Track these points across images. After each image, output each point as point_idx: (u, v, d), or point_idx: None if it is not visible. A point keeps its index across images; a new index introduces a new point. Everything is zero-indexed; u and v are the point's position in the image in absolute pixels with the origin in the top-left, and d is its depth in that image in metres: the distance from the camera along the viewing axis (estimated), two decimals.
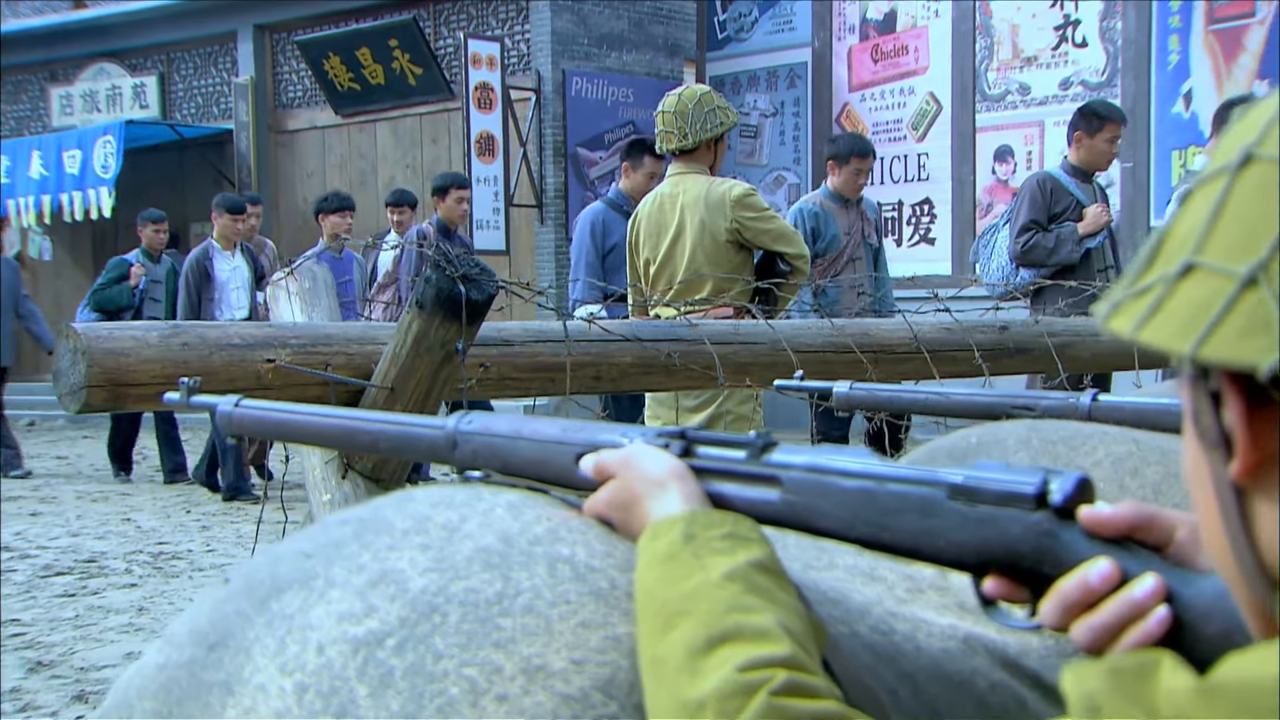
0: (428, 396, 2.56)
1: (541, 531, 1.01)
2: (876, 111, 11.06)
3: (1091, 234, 5.72)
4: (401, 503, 1.08)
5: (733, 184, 4.65)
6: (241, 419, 1.35)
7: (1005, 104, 10.22)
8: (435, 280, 2.46)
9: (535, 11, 12.29)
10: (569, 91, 12.09)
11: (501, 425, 1.13)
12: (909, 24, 10.90)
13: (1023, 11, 10.22)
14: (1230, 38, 9.27)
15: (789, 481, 0.96)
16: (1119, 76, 9.72)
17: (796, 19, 11.60)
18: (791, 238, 4.55)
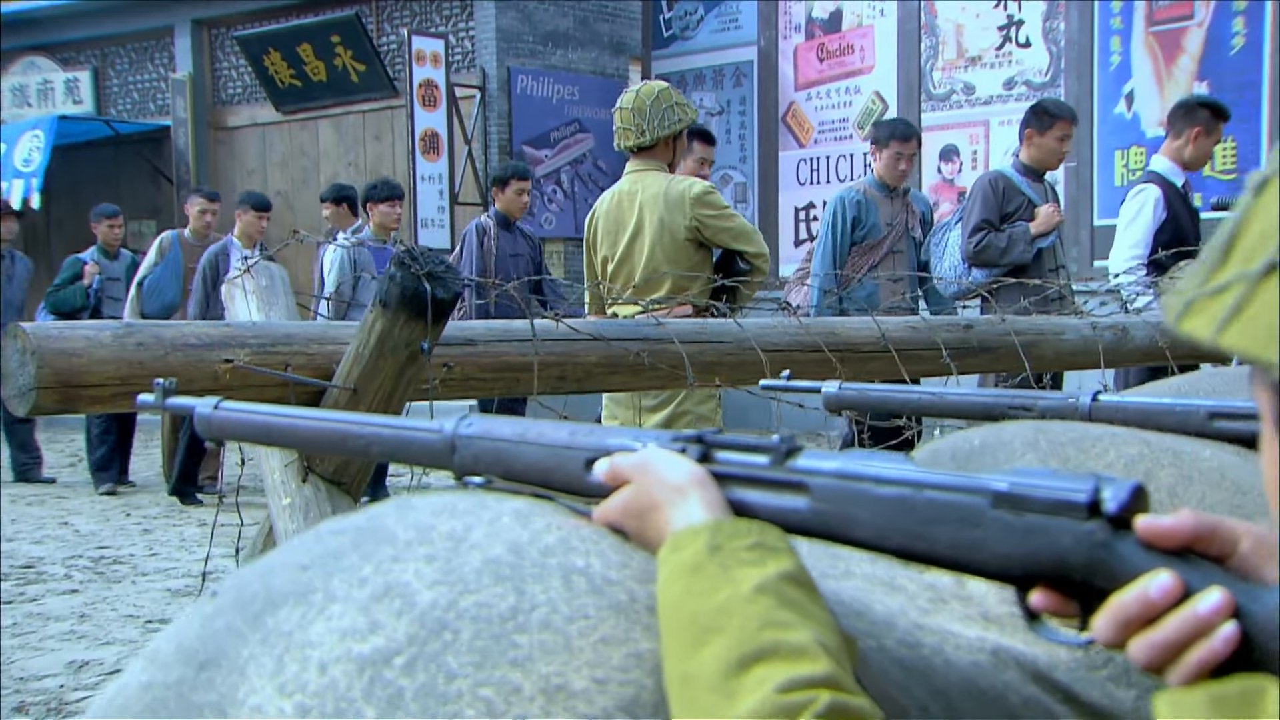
0: (391, 397, 2.49)
1: (553, 541, 0.96)
2: (822, 110, 11.08)
3: (1044, 234, 5.73)
4: (401, 511, 1.03)
5: (692, 181, 4.61)
6: (222, 422, 1.28)
7: (950, 103, 10.27)
8: (399, 278, 2.40)
9: (480, 8, 12.19)
10: (514, 89, 12.00)
11: (504, 429, 1.08)
12: (854, 23, 10.92)
13: (967, 12, 10.27)
14: (1170, 39, 9.37)
15: (818, 488, 0.91)
16: (1062, 77, 9.79)
17: (742, 17, 11.59)
18: (751, 236, 4.51)
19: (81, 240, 10.99)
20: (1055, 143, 5.82)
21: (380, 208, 8.06)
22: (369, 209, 8.14)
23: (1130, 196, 5.55)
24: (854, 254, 5.91)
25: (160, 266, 8.79)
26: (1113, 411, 1.43)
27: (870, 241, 5.96)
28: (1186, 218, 5.58)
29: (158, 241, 9.00)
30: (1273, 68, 8.97)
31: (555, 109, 12.19)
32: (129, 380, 2.41)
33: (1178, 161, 5.63)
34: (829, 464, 0.91)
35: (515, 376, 2.74)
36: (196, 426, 1.31)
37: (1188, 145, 5.60)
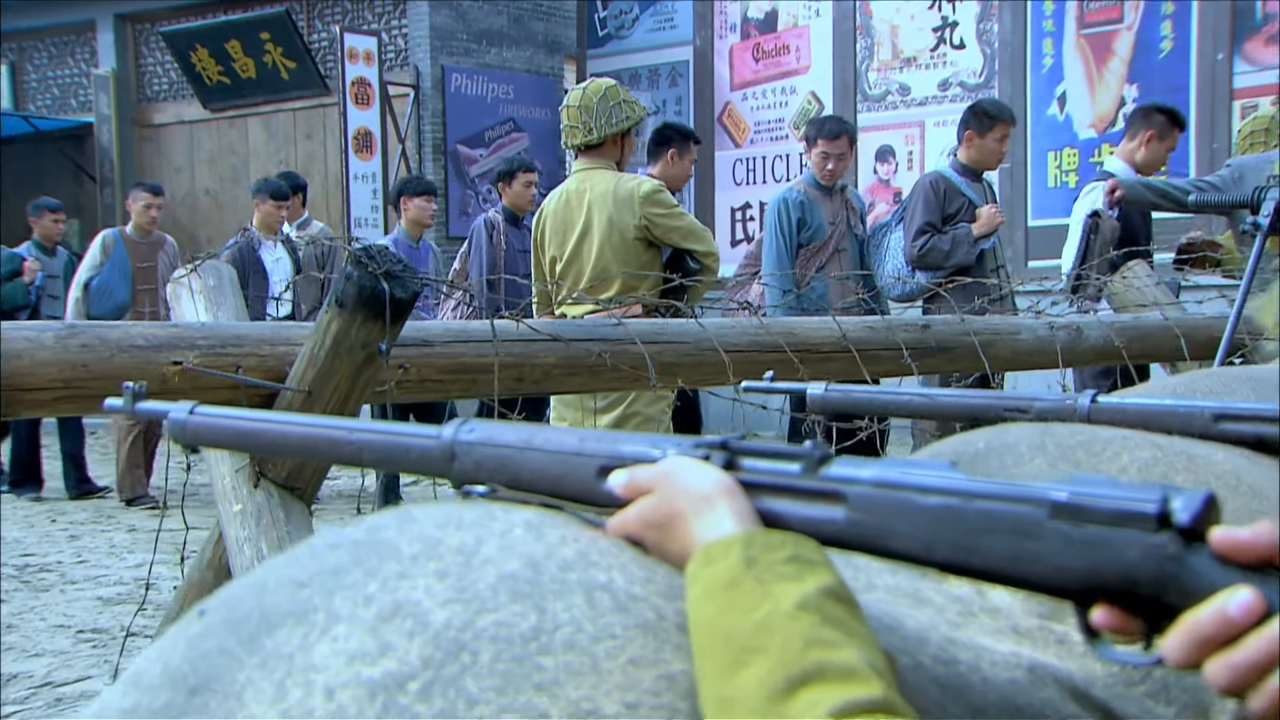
0: (347, 400, 2.42)
1: (571, 555, 0.90)
2: (758, 110, 11.08)
3: (986, 235, 5.75)
4: (402, 524, 0.97)
5: (641, 180, 4.56)
6: (198, 428, 1.21)
7: (886, 104, 10.30)
8: (357, 277, 2.33)
9: (413, 6, 12.06)
10: (448, 88, 11.89)
11: (508, 435, 1.02)
12: (790, 23, 10.93)
13: (902, 13, 10.31)
14: (1100, 42, 9.47)
15: (856, 498, 0.86)
16: (996, 78, 9.86)
17: (678, 17, 11.56)
18: (701, 235, 4.47)
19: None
20: (995, 144, 5.84)
21: (416, 202, 7.71)
22: (403, 204, 7.79)
23: (1083, 195, 5.58)
24: (802, 255, 5.88)
25: (107, 266, 8.43)
26: (1112, 413, 1.39)
27: (817, 243, 5.94)
28: (1139, 218, 5.62)
29: (100, 241, 8.61)
30: (1200, 71, 9.09)
31: (490, 108, 12.09)
32: (72, 384, 2.32)
33: (1130, 163, 5.67)
34: (866, 472, 0.86)
35: (472, 378, 2.68)
36: (170, 433, 1.24)
37: (1140, 148, 5.64)
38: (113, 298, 8.38)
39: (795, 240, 5.90)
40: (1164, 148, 5.73)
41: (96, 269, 8.43)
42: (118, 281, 8.40)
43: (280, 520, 2.46)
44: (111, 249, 8.51)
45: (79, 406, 2.33)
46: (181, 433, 1.22)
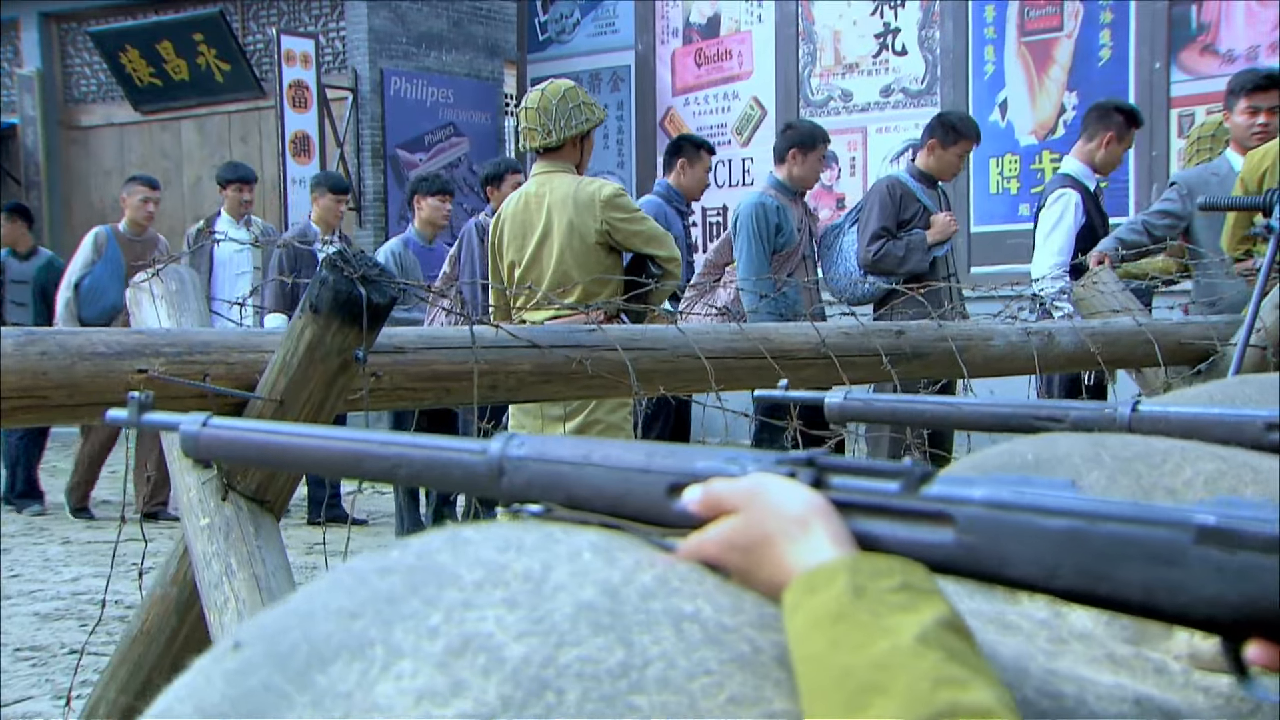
0: (321, 409, 2.33)
1: (650, 581, 0.83)
2: (701, 115, 11.05)
3: (940, 242, 5.75)
4: (457, 547, 0.89)
5: (602, 183, 4.49)
6: (211, 442, 1.13)
7: (828, 110, 10.31)
8: (332, 281, 2.24)
9: (351, 9, 11.91)
10: (387, 91, 11.74)
11: (563, 449, 0.94)
12: (732, 28, 10.91)
13: (844, 19, 10.33)
14: (1041, 49, 9.54)
15: (965, 519, 0.79)
16: (938, 85, 9.90)
17: (619, 21, 11.51)
18: (663, 240, 4.40)
19: None
20: (955, 158, 5.86)
21: (429, 201, 7.48)
22: (416, 204, 7.56)
23: (1050, 203, 5.57)
24: (775, 261, 5.84)
25: (100, 265, 7.90)
26: (1155, 422, 1.34)
27: (789, 248, 5.91)
28: (1099, 222, 5.63)
29: (91, 238, 8.06)
30: (1138, 79, 9.18)
31: (429, 112, 11.96)
32: (31, 392, 2.21)
33: (1089, 164, 5.67)
34: (977, 491, 0.79)
35: (446, 386, 2.59)
36: (182, 446, 1.15)
37: (1100, 149, 5.64)
38: (105, 299, 7.85)
39: (772, 246, 5.86)
40: (1122, 148, 5.74)
41: (88, 268, 7.90)
42: (110, 281, 7.83)
43: (250, 534, 2.36)
44: (104, 247, 7.98)
45: (39, 416, 2.22)
46: (194, 446, 1.14)
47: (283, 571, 2.37)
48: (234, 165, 8.47)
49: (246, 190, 8.06)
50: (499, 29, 12.71)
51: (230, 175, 8.13)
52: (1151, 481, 1.12)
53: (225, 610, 2.32)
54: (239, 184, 8.02)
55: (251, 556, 2.34)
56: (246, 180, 8.09)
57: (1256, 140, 5.12)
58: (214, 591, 2.34)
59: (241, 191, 8.01)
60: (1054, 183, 5.77)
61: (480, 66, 12.55)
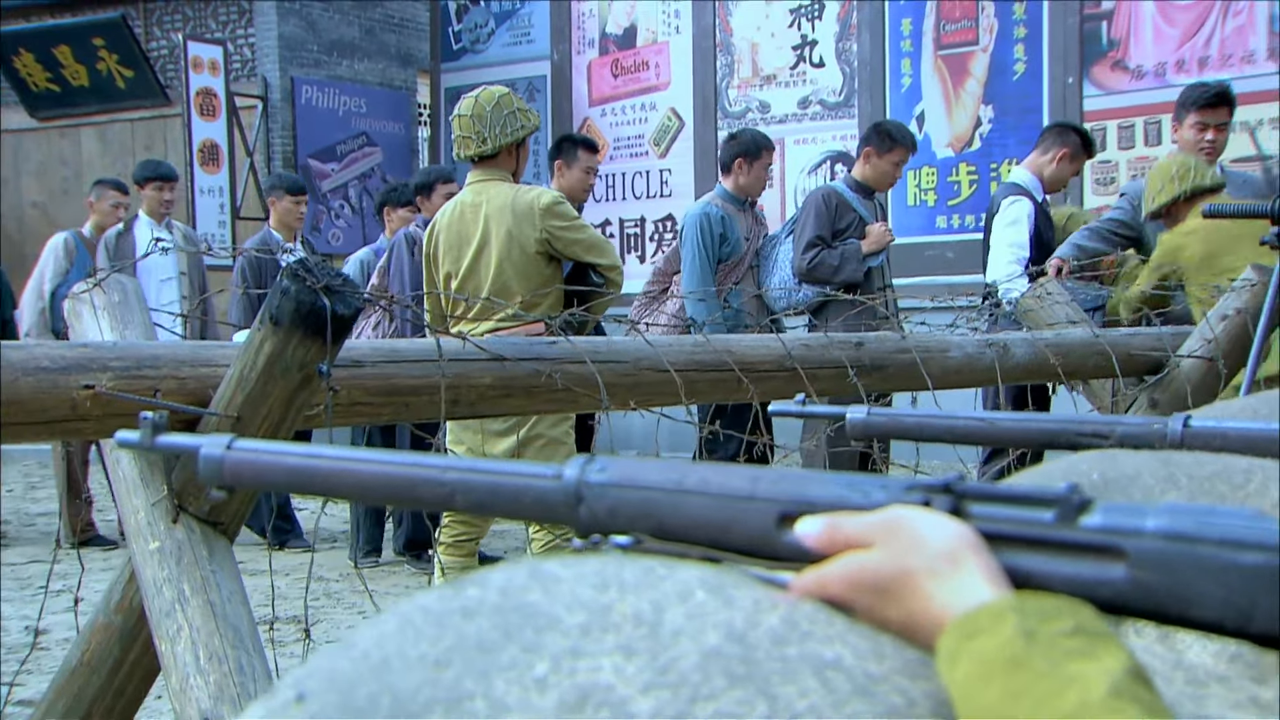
0: (280, 426, 2.21)
1: (777, 624, 0.75)
2: (618, 126, 10.99)
3: (875, 252, 5.73)
4: (546, 584, 0.80)
5: (540, 191, 4.39)
6: (239, 466, 1.02)
7: (746, 121, 10.29)
8: (294, 292, 2.12)
9: (260, 14, 11.67)
10: (298, 100, 11.52)
11: (653, 474, 0.85)
12: (649, 39, 10.87)
13: (762, 30, 10.34)
14: (957, 63, 9.63)
15: (1140, 554, 0.71)
16: (856, 97, 9.95)
17: (534, 31, 11.42)
18: (604, 248, 4.32)
19: None
20: (890, 166, 5.84)
21: (400, 213, 7.16)
22: (386, 215, 7.27)
23: (1005, 207, 5.56)
24: (720, 271, 5.78)
25: (74, 273, 7.52)
26: (1210, 438, 1.29)
27: (734, 258, 5.85)
28: (1048, 233, 5.66)
29: (60, 245, 7.67)
30: (1051, 93, 9.30)
31: (342, 121, 11.76)
32: None
33: (1038, 176, 5.69)
34: (1150, 521, 0.72)
35: (405, 401, 2.48)
36: (203, 472, 1.04)
37: (1052, 163, 5.66)
38: None
39: (716, 255, 5.80)
40: (1072, 169, 5.77)
41: (63, 276, 7.53)
42: None
43: (203, 559, 2.23)
44: (75, 254, 7.65)
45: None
46: (218, 472, 1.03)
47: (238, 598, 2.25)
48: (153, 162, 8.01)
49: (167, 189, 7.65)
50: (412, 38, 12.54)
51: (149, 173, 7.68)
52: (1236, 501, 1.06)
53: (178, 640, 2.19)
54: (159, 182, 7.60)
55: (206, 582, 2.21)
56: (167, 178, 7.68)
57: (1204, 156, 5.17)
58: (166, 620, 2.21)
59: (162, 190, 7.60)
60: (1005, 189, 5.77)
61: (393, 75, 12.37)
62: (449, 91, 11.73)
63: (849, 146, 9.90)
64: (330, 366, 2.17)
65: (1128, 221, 5.22)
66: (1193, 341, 3.54)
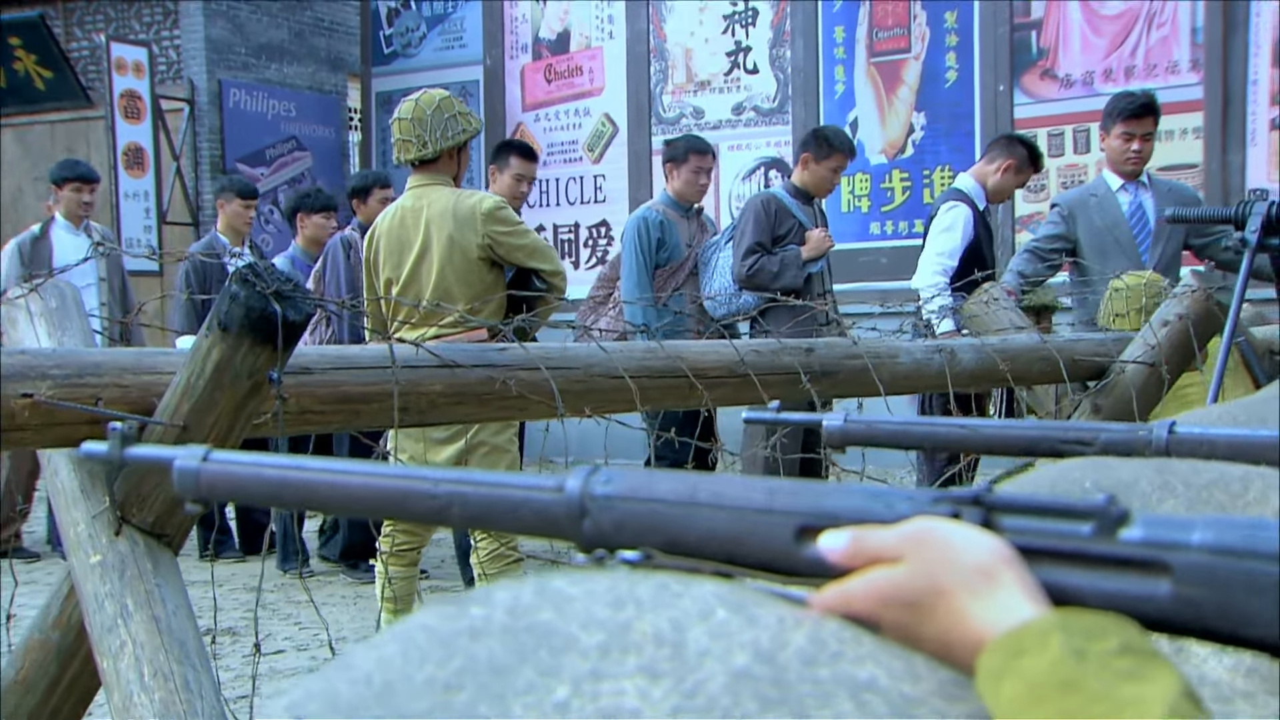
0: (228, 434, 2.15)
1: (806, 644, 0.72)
2: (551, 132, 10.94)
3: (815, 259, 5.73)
4: (556, 601, 0.76)
5: (482, 196, 4.33)
6: (216, 479, 0.97)
7: (680, 127, 10.28)
8: (243, 298, 2.07)
9: (186, 16, 11.48)
10: (226, 103, 11.34)
11: (662, 486, 0.82)
12: (583, 44, 10.84)
13: (696, 36, 10.35)
14: (889, 70, 9.70)
15: (1186, 568, 0.68)
16: (790, 104, 9.98)
17: (467, 35, 11.34)
18: (547, 253, 4.27)
19: None
20: (829, 172, 5.83)
21: (314, 219, 6.97)
22: (299, 221, 7.03)
23: (942, 211, 5.56)
24: (658, 276, 5.74)
25: None
26: (1197, 445, 1.28)
27: (674, 263, 5.82)
28: (987, 241, 5.68)
29: (13, 248, 7.27)
30: (983, 101, 9.39)
31: (271, 125, 11.60)
32: None
33: (982, 185, 5.69)
34: (1196, 535, 0.69)
35: (355, 409, 2.43)
36: (178, 485, 0.99)
37: (996, 173, 5.66)
38: None
39: (654, 261, 5.76)
40: (1017, 181, 5.77)
41: None
42: None
43: (147, 572, 2.17)
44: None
45: None
46: (193, 485, 0.98)
47: (184, 612, 2.19)
48: (71, 162, 7.69)
49: (87, 191, 7.31)
50: (342, 41, 12.41)
51: (67, 174, 7.35)
52: (1235, 510, 1.04)
53: (121, 656, 2.12)
54: (78, 183, 7.28)
55: (150, 596, 2.15)
56: (86, 179, 7.36)
57: (1130, 165, 5.22)
58: (108, 636, 2.13)
59: (81, 192, 7.28)
60: (946, 195, 5.78)
61: (323, 79, 12.23)
62: (380, 96, 11.61)
63: (783, 153, 9.94)
64: (281, 373, 2.11)
65: (1062, 234, 5.26)
66: (1135, 347, 3.57)
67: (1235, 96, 8.79)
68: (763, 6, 10.11)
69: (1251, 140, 8.71)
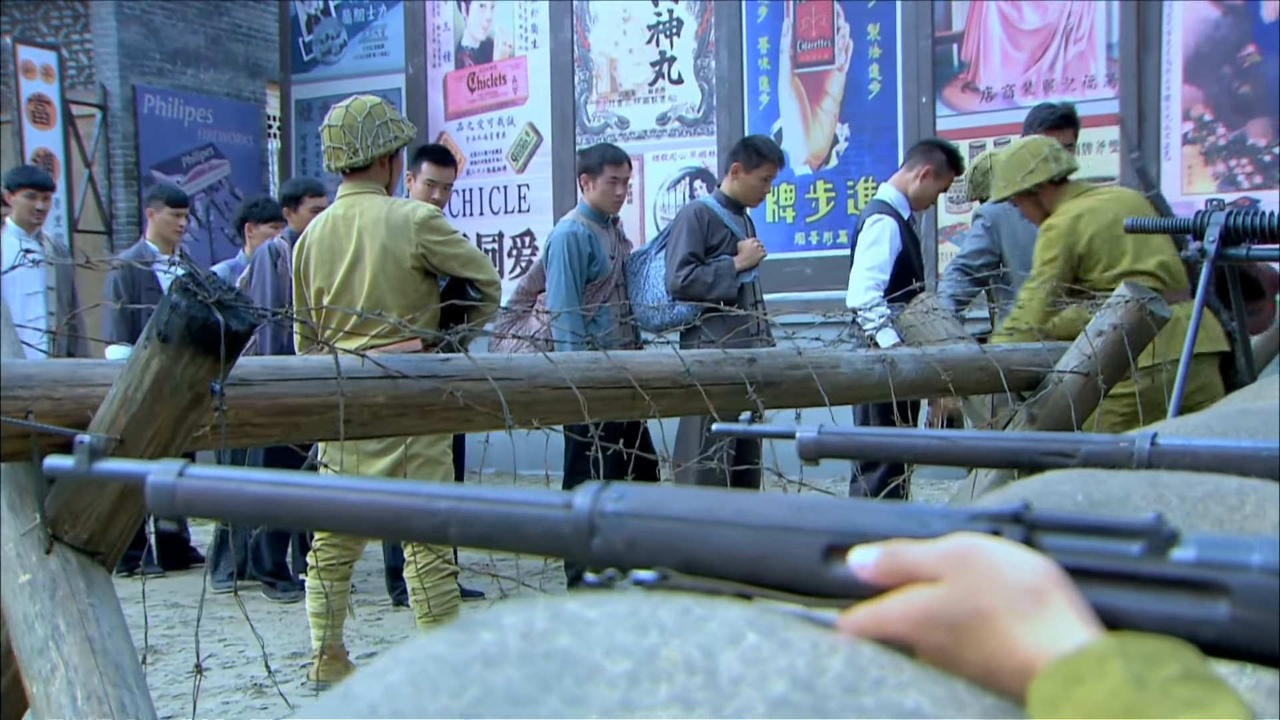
0: (167, 448, 2.08)
1: (844, 670, 0.68)
2: (475, 141, 10.86)
3: (748, 268, 5.72)
4: (573, 626, 0.72)
5: (416, 205, 4.26)
6: (192, 496, 0.91)
7: (605, 137, 10.25)
8: (185, 307, 2.00)
9: (98, 19, 11.23)
10: (140, 109, 11.11)
11: (678, 503, 0.78)
12: (506, 53, 10.78)
13: (620, 46, 10.33)
14: (813, 81, 9.75)
15: (1246, 590, 0.66)
16: (714, 114, 10.00)
17: (389, 43, 11.23)
18: (482, 263, 4.21)
19: None
20: (758, 182, 5.83)
21: (261, 229, 6.81)
22: (247, 231, 6.89)
23: (868, 225, 5.57)
24: (586, 291, 5.68)
25: None
26: (1179, 456, 1.26)
27: (602, 277, 5.75)
28: (915, 251, 5.70)
29: None
30: (905, 113, 9.47)
31: (187, 132, 11.38)
32: None
33: (903, 193, 5.71)
34: (1256, 555, 0.66)
35: (295, 421, 2.37)
36: (151, 502, 0.93)
37: (916, 180, 5.68)
38: None
39: (585, 275, 5.68)
40: (938, 186, 5.78)
41: None
42: None
43: (80, 591, 2.09)
44: None
45: None
46: (169, 502, 0.92)
47: (120, 633, 2.11)
48: (27, 169, 7.49)
49: (40, 198, 7.12)
50: (260, 48, 12.23)
51: (22, 179, 7.16)
52: (1234, 524, 1.03)
53: (53, 680, 2.04)
54: (32, 189, 7.08)
55: (84, 616, 2.07)
56: (41, 186, 7.19)
57: None
58: (38, 659, 2.05)
59: (34, 199, 7.09)
60: (870, 208, 5.78)
61: (241, 86, 12.04)
62: (300, 104, 11.46)
63: (708, 163, 9.95)
64: (223, 385, 2.04)
65: (987, 247, 5.30)
66: (1071, 357, 3.59)
67: (1150, 111, 8.95)
68: (687, 17, 10.12)
69: (1166, 154, 8.87)
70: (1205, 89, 8.76)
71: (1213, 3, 8.73)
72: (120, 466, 1.03)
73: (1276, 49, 8.62)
